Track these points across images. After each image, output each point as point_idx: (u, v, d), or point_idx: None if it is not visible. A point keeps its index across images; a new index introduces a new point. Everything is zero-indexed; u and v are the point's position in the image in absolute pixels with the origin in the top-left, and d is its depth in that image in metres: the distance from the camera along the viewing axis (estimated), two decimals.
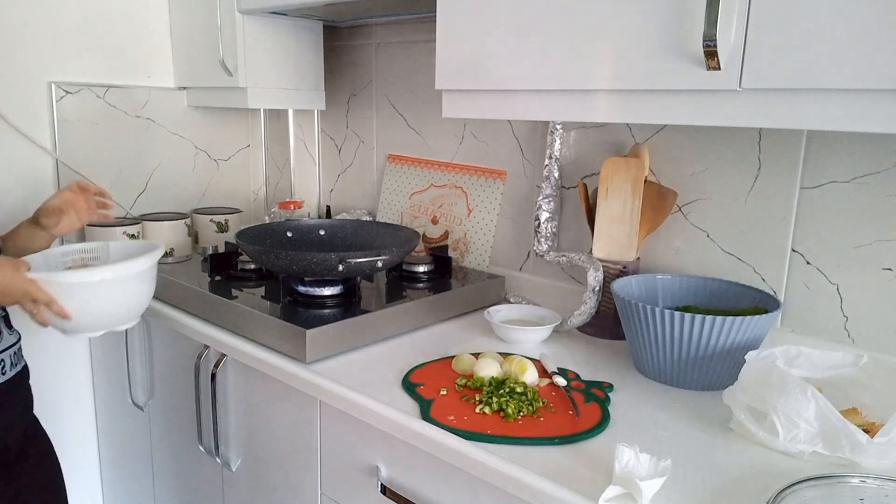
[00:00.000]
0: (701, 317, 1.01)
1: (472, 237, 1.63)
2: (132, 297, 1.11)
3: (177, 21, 1.81)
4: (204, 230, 1.88)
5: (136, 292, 1.11)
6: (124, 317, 1.12)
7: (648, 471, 0.78)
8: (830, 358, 1.02)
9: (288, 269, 1.26)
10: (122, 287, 1.08)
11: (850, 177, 1.11)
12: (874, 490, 0.78)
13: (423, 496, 0.99)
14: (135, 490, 1.73)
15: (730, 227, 1.25)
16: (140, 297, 1.13)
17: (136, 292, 1.11)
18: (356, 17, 1.74)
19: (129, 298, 1.10)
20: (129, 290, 1.09)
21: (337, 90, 1.93)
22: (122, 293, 1.08)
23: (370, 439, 1.05)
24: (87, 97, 1.71)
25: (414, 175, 1.77)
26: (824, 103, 0.81)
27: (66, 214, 1.19)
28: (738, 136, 1.22)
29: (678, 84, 0.91)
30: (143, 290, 1.13)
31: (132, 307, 1.12)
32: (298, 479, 1.21)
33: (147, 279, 1.13)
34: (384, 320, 1.27)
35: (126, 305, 1.11)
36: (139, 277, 1.10)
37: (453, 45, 1.16)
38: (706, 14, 0.84)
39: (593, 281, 1.27)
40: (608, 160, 1.29)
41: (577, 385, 1.07)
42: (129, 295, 1.10)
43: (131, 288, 1.09)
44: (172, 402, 1.51)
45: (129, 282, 1.08)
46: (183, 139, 1.92)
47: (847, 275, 1.13)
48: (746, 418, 0.91)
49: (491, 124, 1.59)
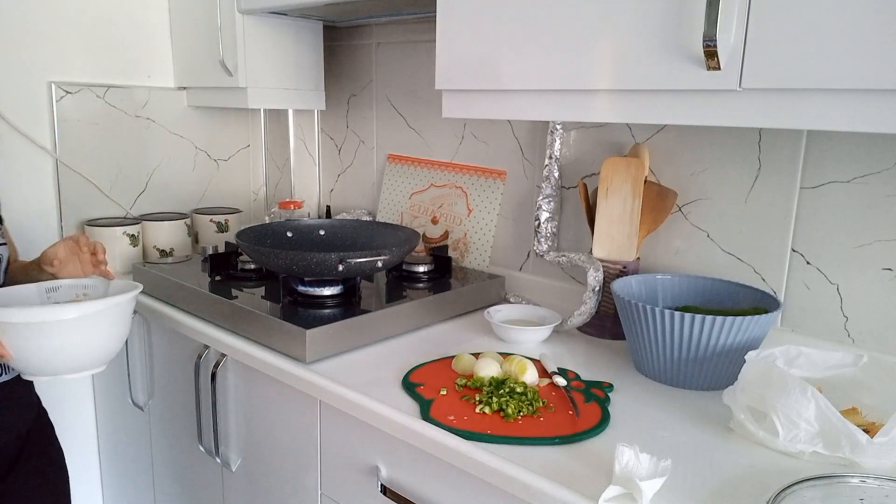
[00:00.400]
0: (701, 317, 1.01)
1: (472, 237, 1.63)
2: (82, 344, 0.98)
3: (177, 21, 1.81)
4: (204, 230, 1.88)
5: (85, 341, 0.98)
6: (73, 364, 1.00)
7: (648, 471, 0.78)
8: (830, 358, 1.02)
9: (288, 269, 1.26)
10: (65, 332, 0.96)
11: (850, 177, 1.11)
12: (874, 490, 0.78)
13: (423, 496, 0.99)
14: (135, 490, 1.73)
15: (730, 227, 1.25)
16: (94, 346, 1.00)
17: (85, 341, 0.98)
18: (356, 17, 1.74)
19: (79, 344, 0.98)
20: (75, 337, 0.97)
21: (337, 90, 1.93)
22: (67, 339, 0.96)
23: (370, 439, 1.05)
24: (87, 97, 1.71)
25: (414, 175, 1.77)
26: (824, 103, 0.81)
27: (70, 263, 1.15)
28: (738, 136, 1.22)
29: (678, 84, 0.91)
30: (98, 338, 1.00)
31: (84, 355, 1.00)
32: (298, 479, 1.21)
33: (100, 325, 0.99)
34: (384, 320, 1.27)
35: (75, 351, 0.98)
36: (86, 323, 0.97)
37: (453, 45, 1.17)
38: (706, 14, 0.84)
39: (593, 281, 1.27)
40: (608, 160, 1.29)
41: (577, 385, 1.07)
42: (77, 341, 0.97)
43: (78, 335, 0.97)
44: (172, 402, 1.51)
45: (76, 326, 0.96)
46: (183, 139, 1.92)
47: (847, 275, 1.13)
48: (746, 418, 0.91)
49: (491, 124, 1.59)
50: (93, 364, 1.03)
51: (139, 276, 1.54)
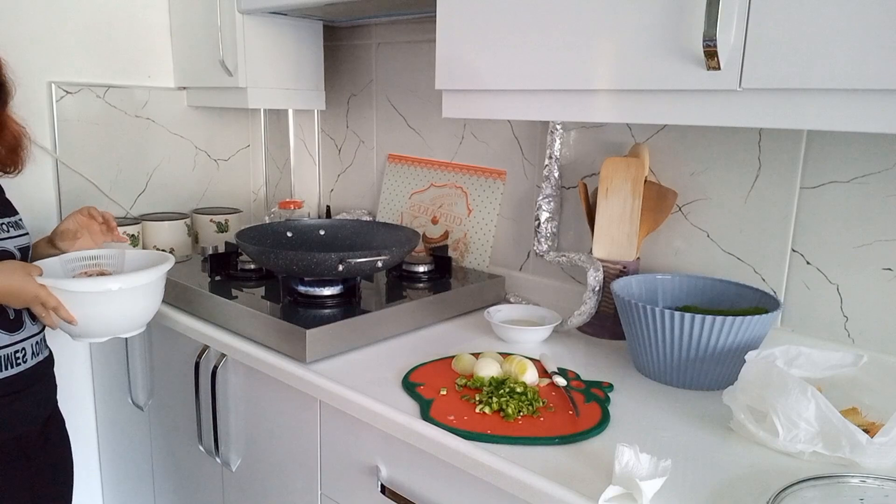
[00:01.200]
0: (701, 317, 1.01)
1: (472, 237, 1.63)
2: (137, 308, 1.14)
3: (177, 21, 1.81)
4: (204, 230, 1.88)
5: (141, 304, 1.14)
6: (128, 326, 1.16)
7: (648, 471, 0.78)
8: (830, 358, 1.02)
9: (288, 269, 1.26)
10: (127, 298, 1.11)
11: (850, 177, 1.11)
12: (874, 490, 0.78)
13: (423, 496, 0.99)
14: (135, 490, 1.73)
15: (730, 227, 1.25)
16: (145, 309, 1.16)
17: (141, 304, 1.14)
18: (356, 17, 1.74)
19: (134, 309, 1.14)
20: (133, 302, 1.13)
21: (337, 90, 1.93)
22: (127, 304, 1.12)
23: (370, 439, 1.05)
24: (87, 97, 1.71)
25: (414, 175, 1.77)
26: (824, 103, 0.81)
27: (80, 237, 1.24)
28: (738, 136, 1.22)
29: (678, 84, 0.91)
30: (148, 302, 1.16)
31: (136, 317, 1.16)
32: (298, 479, 1.21)
33: (152, 292, 1.16)
34: (384, 320, 1.27)
35: (130, 315, 1.14)
36: (144, 290, 1.13)
37: (453, 45, 1.17)
38: (706, 14, 0.84)
39: (593, 281, 1.27)
40: (608, 160, 1.29)
41: (577, 385, 1.07)
42: (133, 306, 1.13)
43: (136, 299, 1.13)
44: (172, 402, 1.51)
45: (134, 294, 1.12)
46: (183, 139, 1.92)
47: (847, 275, 1.13)
48: (746, 418, 0.91)
49: (491, 124, 1.59)
50: (136, 327, 1.17)
51: None
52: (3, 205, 1.20)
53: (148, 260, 1.24)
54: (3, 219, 1.17)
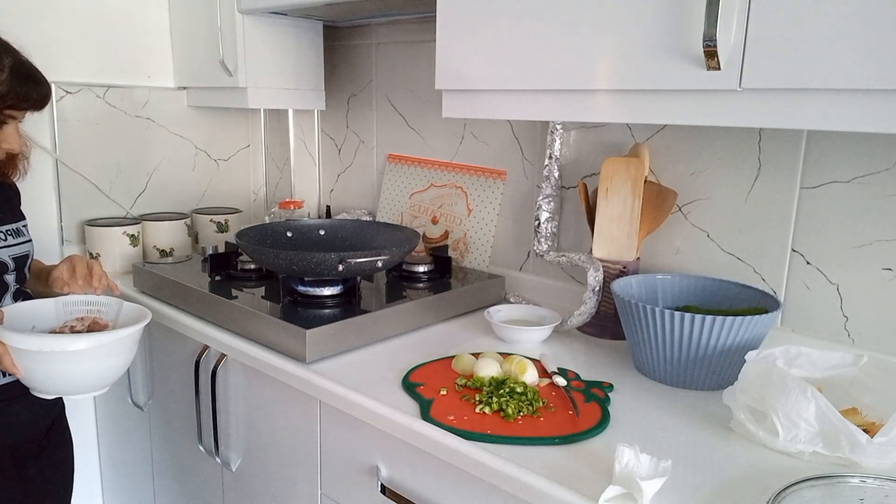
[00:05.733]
0: (701, 317, 1.01)
1: (472, 237, 1.63)
2: (88, 370, 1.05)
3: (177, 21, 1.81)
4: (204, 230, 1.88)
5: (91, 367, 1.05)
6: (77, 387, 1.07)
7: (648, 471, 0.78)
8: (830, 358, 1.01)
9: (288, 269, 1.26)
10: (72, 360, 1.02)
11: (850, 177, 1.11)
12: (874, 490, 0.78)
13: (423, 496, 0.99)
14: (135, 490, 1.73)
15: (730, 227, 1.25)
16: (99, 372, 1.06)
17: (91, 367, 1.05)
18: (356, 17, 1.74)
19: (85, 371, 1.05)
20: (81, 365, 1.03)
21: (337, 90, 1.93)
22: (73, 366, 1.03)
23: (370, 439, 1.05)
24: (87, 97, 1.71)
25: (414, 175, 1.77)
26: (824, 103, 0.81)
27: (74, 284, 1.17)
28: (738, 136, 1.22)
29: (678, 84, 0.91)
30: (102, 365, 1.06)
31: (88, 380, 1.06)
32: (298, 479, 1.21)
33: (105, 355, 1.05)
34: (384, 320, 1.27)
35: (80, 377, 1.05)
36: (92, 353, 1.03)
37: (453, 45, 1.17)
38: (706, 14, 0.84)
39: (593, 281, 1.27)
40: (608, 160, 1.29)
41: (577, 385, 1.07)
42: (83, 368, 1.04)
43: (84, 363, 1.03)
44: (172, 402, 1.51)
45: (83, 356, 1.03)
46: (183, 139, 1.92)
47: (847, 275, 1.13)
48: (746, 418, 0.91)
49: (491, 124, 1.59)
50: (96, 387, 1.09)
51: (139, 276, 1.54)
52: (4, 210, 1.18)
53: (130, 320, 1.14)
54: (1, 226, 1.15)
